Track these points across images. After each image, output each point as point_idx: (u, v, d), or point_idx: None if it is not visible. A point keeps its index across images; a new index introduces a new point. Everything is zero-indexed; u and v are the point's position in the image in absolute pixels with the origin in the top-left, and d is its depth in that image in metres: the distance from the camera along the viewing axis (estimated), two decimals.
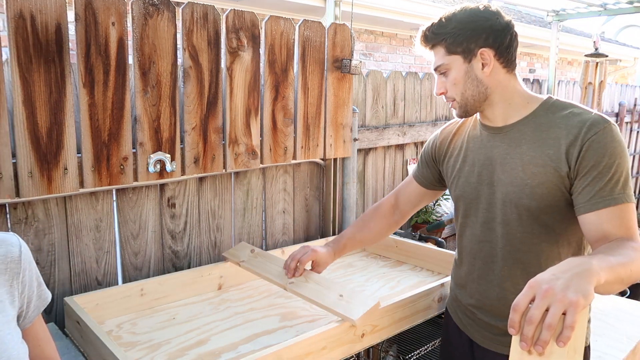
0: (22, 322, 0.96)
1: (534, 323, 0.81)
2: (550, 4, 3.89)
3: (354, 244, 1.65)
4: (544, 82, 3.93)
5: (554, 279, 0.84)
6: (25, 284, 0.95)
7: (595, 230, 1.12)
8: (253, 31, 1.82)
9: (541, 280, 0.85)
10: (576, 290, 0.82)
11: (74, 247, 1.61)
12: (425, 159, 1.54)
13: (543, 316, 0.81)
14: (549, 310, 0.81)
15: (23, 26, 1.34)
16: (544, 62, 8.89)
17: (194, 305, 1.69)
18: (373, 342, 1.49)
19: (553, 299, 0.81)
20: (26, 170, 1.41)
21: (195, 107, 1.72)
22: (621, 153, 1.12)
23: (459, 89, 1.27)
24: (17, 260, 0.94)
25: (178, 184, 1.82)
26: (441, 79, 1.29)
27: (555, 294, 0.81)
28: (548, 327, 0.80)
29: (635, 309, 2.01)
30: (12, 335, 0.89)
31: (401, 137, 2.71)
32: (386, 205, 1.64)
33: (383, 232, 1.66)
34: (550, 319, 0.80)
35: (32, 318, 0.98)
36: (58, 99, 1.43)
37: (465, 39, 1.22)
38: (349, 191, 2.32)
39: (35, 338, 0.98)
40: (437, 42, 1.25)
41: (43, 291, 1.00)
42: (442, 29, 1.24)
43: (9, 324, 0.90)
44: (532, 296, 0.84)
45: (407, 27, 6.06)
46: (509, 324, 0.84)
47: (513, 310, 0.84)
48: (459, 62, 1.24)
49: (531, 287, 0.85)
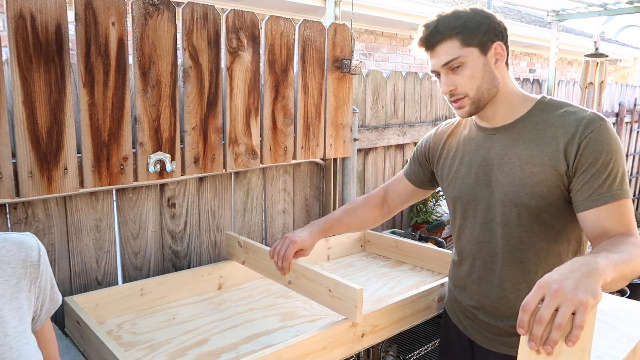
0: (34, 325, 0.94)
1: (543, 323, 0.81)
2: (550, 4, 3.90)
3: (340, 227, 1.63)
4: (544, 82, 3.93)
5: (563, 279, 0.84)
6: (42, 288, 0.94)
7: (595, 227, 1.13)
8: (253, 31, 1.82)
9: (550, 280, 0.85)
10: (585, 290, 0.82)
11: (74, 247, 1.61)
12: (418, 158, 1.54)
13: (552, 316, 0.82)
14: (558, 310, 0.81)
15: (23, 26, 1.34)
16: (544, 62, 8.89)
17: (194, 305, 1.69)
18: (373, 342, 1.49)
19: (563, 299, 0.81)
20: (26, 170, 1.41)
21: (195, 107, 1.72)
22: (617, 150, 1.14)
23: (476, 83, 1.23)
24: (37, 265, 0.92)
25: (178, 184, 1.82)
26: (449, 76, 1.24)
27: (565, 294, 0.82)
28: (558, 327, 0.80)
29: (635, 309, 2.01)
30: (30, 345, 0.88)
31: (401, 137, 2.71)
32: (376, 198, 1.64)
33: (370, 222, 1.66)
34: (561, 319, 0.80)
35: (43, 321, 0.97)
36: (58, 99, 1.43)
37: (481, 32, 1.21)
38: (349, 191, 2.32)
39: (42, 340, 0.97)
40: (451, 35, 1.20)
41: (55, 293, 0.99)
42: (455, 22, 1.20)
43: (25, 332, 0.88)
44: (541, 296, 0.84)
45: (407, 27, 6.06)
46: (518, 324, 0.84)
47: (522, 310, 0.84)
48: (475, 54, 1.21)
49: (540, 287, 0.85)
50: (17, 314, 0.88)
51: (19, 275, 0.89)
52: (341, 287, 1.37)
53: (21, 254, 0.90)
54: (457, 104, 1.26)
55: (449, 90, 1.25)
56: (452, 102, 1.28)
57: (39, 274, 0.92)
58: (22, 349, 0.85)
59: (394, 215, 1.70)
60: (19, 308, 0.88)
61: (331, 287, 1.40)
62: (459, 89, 1.24)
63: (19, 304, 0.89)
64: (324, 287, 1.42)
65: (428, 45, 1.24)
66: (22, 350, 0.85)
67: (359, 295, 1.33)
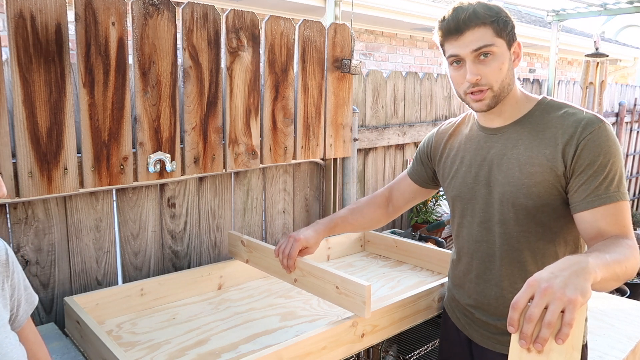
0: (12, 326, 0.95)
1: (533, 321, 0.82)
2: (550, 4, 3.90)
3: (345, 226, 1.63)
4: (544, 82, 3.93)
5: (552, 277, 0.85)
6: (15, 286, 0.95)
7: (591, 228, 1.13)
8: (253, 31, 1.82)
9: (540, 278, 0.86)
10: (574, 288, 0.83)
11: (74, 247, 1.61)
12: (421, 157, 1.54)
13: (542, 314, 0.82)
14: (547, 308, 0.82)
15: (23, 26, 1.34)
16: (544, 62, 8.89)
17: (194, 305, 1.69)
18: (373, 342, 1.49)
19: (552, 297, 0.82)
20: (26, 170, 1.41)
21: (195, 107, 1.72)
22: (615, 152, 1.14)
23: (501, 76, 1.19)
24: (5, 263, 0.93)
25: (178, 183, 1.82)
26: (477, 65, 1.18)
27: (554, 292, 0.82)
28: (547, 325, 0.81)
29: (635, 309, 2.01)
30: (10, 339, 0.89)
31: (401, 137, 2.71)
32: (380, 197, 1.65)
33: (375, 221, 1.66)
34: (550, 317, 0.81)
35: (21, 322, 0.98)
36: (58, 99, 1.43)
37: (509, 27, 1.19)
38: (349, 191, 2.32)
39: (26, 342, 0.98)
40: (487, 22, 1.16)
41: (30, 294, 1.00)
42: (490, 11, 1.17)
43: (4, 327, 0.89)
44: (531, 294, 0.84)
45: (407, 27, 6.06)
46: (508, 322, 0.85)
47: (512, 309, 0.84)
48: (504, 47, 1.19)
49: (530, 285, 0.85)
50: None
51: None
52: (349, 283, 1.38)
53: None
54: (478, 95, 1.21)
55: (475, 79, 1.19)
56: (470, 94, 1.22)
57: (10, 272, 0.93)
58: (3, 342, 0.86)
59: (398, 216, 1.70)
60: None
61: (339, 284, 1.41)
62: (484, 79, 1.19)
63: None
64: (332, 285, 1.43)
65: (459, 28, 1.17)
66: (4, 343, 0.86)
67: (367, 292, 1.34)
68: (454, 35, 1.19)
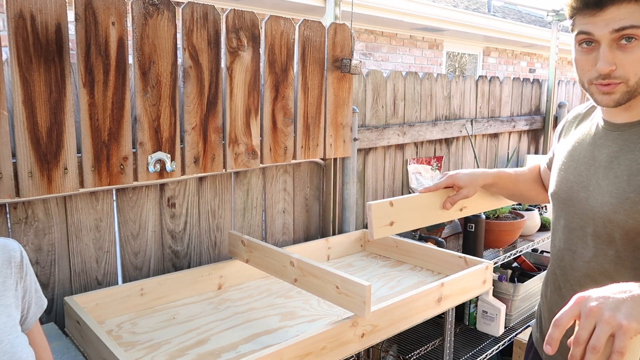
0: (21, 328, 0.96)
1: (581, 345, 0.74)
2: (550, 4, 3.90)
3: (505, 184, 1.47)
4: (544, 82, 3.93)
5: (604, 298, 0.75)
6: (27, 289, 0.96)
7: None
8: (253, 31, 1.82)
9: (589, 297, 0.77)
10: (628, 313, 0.73)
11: (74, 247, 1.61)
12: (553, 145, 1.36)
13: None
14: (594, 331, 0.73)
15: (23, 26, 1.34)
16: (544, 62, 8.90)
17: (194, 305, 1.69)
18: (373, 342, 1.49)
19: (599, 319, 0.73)
20: (26, 170, 1.41)
21: (195, 107, 1.72)
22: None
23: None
24: (20, 265, 0.95)
25: (178, 183, 1.82)
26: (614, 51, 0.97)
27: (602, 314, 0.73)
28: (592, 350, 0.72)
29: None
30: (20, 339, 0.90)
31: (401, 137, 2.71)
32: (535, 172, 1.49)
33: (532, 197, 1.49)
34: (595, 341, 0.72)
35: (30, 324, 0.99)
36: (58, 99, 1.43)
37: None
38: (349, 191, 2.32)
39: (33, 344, 0.99)
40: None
41: (40, 297, 1.01)
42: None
43: (16, 327, 0.91)
44: (577, 313, 0.76)
45: (407, 27, 6.07)
46: (546, 341, 0.76)
47: (554, 326, 0.76)
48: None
49: (577, 302, 0.77)
50: (5, 310, 0.90)
51: (5, 275, 0.92)
52: (349, 283, 1.38)
53: (5, 255, 0.93)
54: (608, 87, 1.01)
55: (608, 70, 0.98)
56: (598, 85, 1.02)
57: (24, 274, 0.95)
58: (13, 342, 0.87)
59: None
60: (7, 305, 0.91)
61: (339, 284, 1.41)
62: (620, 70, 0.98)
63: (7, 302, 0.91)
64: (332, 284, 1.43)
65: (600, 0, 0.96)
66: (14, 343, 0.87)
67: (367, 292, 1.34)
68: (591, 8, 0.97)
